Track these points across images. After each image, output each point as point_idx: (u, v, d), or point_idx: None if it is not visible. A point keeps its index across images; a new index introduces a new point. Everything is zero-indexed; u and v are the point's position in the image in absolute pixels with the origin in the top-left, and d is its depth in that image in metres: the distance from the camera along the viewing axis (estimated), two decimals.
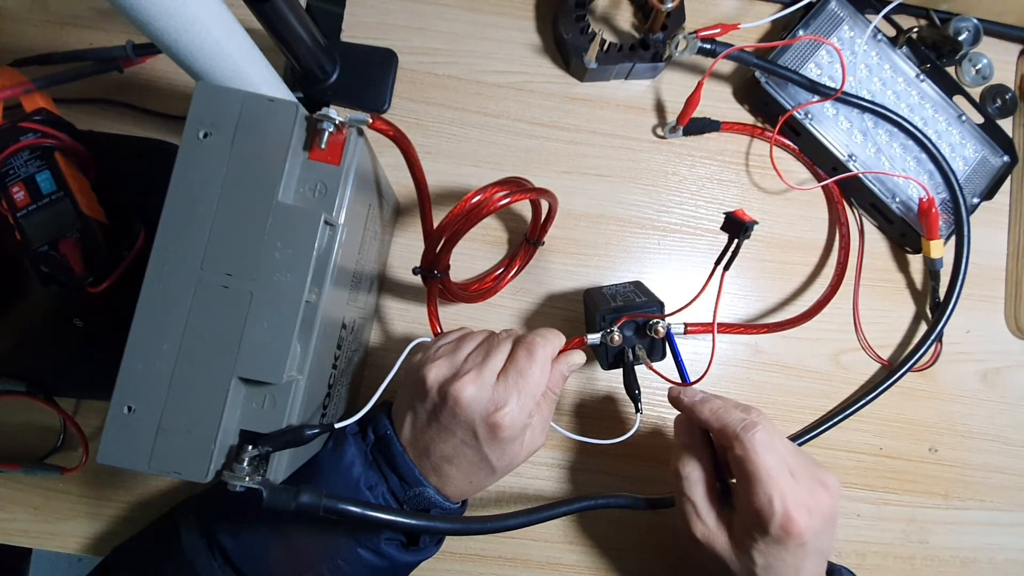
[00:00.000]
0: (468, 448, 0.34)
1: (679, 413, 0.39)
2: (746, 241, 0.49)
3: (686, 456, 0.36)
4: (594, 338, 0.39)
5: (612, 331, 0.38)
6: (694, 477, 0.35)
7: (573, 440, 0.46)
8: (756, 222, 0.32)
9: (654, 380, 0.47)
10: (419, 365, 0.35)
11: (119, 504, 0.43)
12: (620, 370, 0.40)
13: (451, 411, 0.33)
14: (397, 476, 0.34)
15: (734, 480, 0.35)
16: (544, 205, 0.43)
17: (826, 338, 0.49)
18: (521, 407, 0.33)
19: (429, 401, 0.34)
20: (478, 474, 0.35)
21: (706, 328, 0.43)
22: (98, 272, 0.37)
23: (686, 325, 0.41)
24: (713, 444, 0.37)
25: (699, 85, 0.45)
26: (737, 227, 0.33)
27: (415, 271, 0.39)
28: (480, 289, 0.45)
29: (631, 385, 0.40)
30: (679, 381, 0.39)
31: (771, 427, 0.34)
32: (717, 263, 0.35)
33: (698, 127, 0.49)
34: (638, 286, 0.43)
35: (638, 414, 0.39)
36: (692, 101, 0.46)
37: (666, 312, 0.40)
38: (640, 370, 0.40)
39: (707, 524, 0.34)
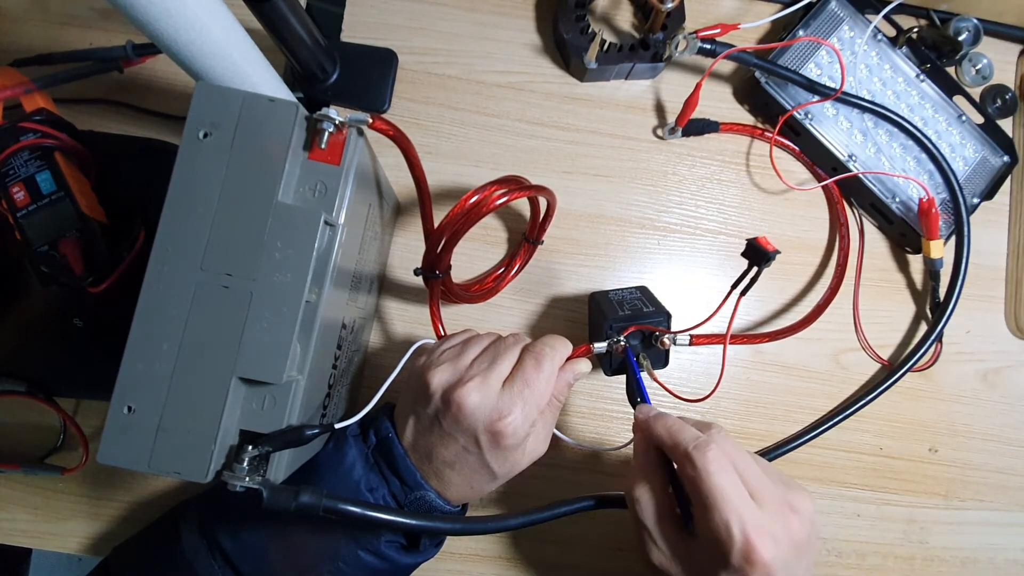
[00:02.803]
0: (470, 455, 0.34)
1: (635, 437, 0.36)
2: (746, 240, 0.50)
3: (639, 479, 0.33)
4: (600, 347, 0.39)
5: (619, 340, 0.38)
6: (645, 501, 0.32)
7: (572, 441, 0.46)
8: (778, 251, 0.32)
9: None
10: (423, 369, 0.35)
11: (119, 504, 0.43)
12: (622, 375, 0.40)
13: (454, 417, 0.33)
14: (398, 479, 0.34)
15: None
16: (543, 203, 0.43)
17: (826, 338, 0.49)
18: (525, 416, 0.33)
19: (432, 406, 0.33)
20: (479, 480, 0.35)
21: (711, 340, 0.43)
22: (98, 272, 0.36)
23: (692, 337, 0.41)
24: (673, 466, 0.33)
25: (697, 87, 0.45)
26: (759, 255, 0.32)
27: (416, 272, 0.39)
28: (481, 289, 0.45)
29: (633, 393, 0.40)
30: (680, 394, 0.39)
31: (729, 444, 0.31)
32: (734, 287, 0.35)
33: (697, 128, 0.49)
34: (644, 292, 0.43)
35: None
36: (690, 102, 0.46)
37: (673, 323, 0.40)
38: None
39: (663, 551, 0.32)
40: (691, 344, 0.42)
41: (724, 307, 0.36)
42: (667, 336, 0.39)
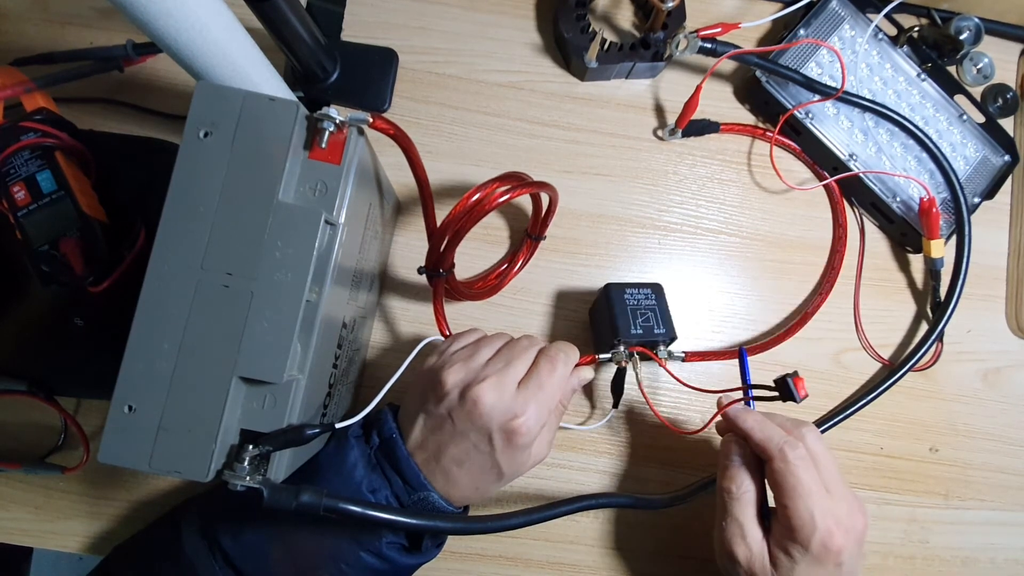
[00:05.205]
0: (480, 453, 0.34)
1: (728, 434, 0.38)
2: (747, 240, 0.50)
3: (739, 475, 0.36)
4: (604, 357, 0.41)
5: (622, 354, 0.40)
6: (746, 498, 0.35)
7: (573, 441, 0.46)
8: (808, 396, 0.34)
9: (654, 382, 0.47)
10: (436, 367, 0.35)
11: (120, 503, 0.43)
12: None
13: (468, 414, 0.33)
14: (401, 480, 0.34)
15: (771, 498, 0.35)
16: (544, 199, 0.42)
17: (827, 338, 0.49)
18: (538, 417, 0.34)
19: (446, 403, 0.34)
20: (486, 479, 0.35)
21: (703, 356, 0.46)
22: (98, 271, 0.36)
23: (686, 354, 0.44)
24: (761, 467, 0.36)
25: (697, 89, 0.45)
26: (786, 393, 0.34)
27: (420, 270, 0.39)
28: (485, 286, 0.45)
29: (618, 387, 0.43)
30: (674, 424, 0.41)
31: (816, 442, 0.35)
32: (749, 387, 0.38)
33: (698, 129, 0.49)
34: (659, 299, 0.42)
35: (613, 408, 0.44)
36: (690, 104, 0.46)
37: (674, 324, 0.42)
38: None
39: (751, 548, 0.34)
40: (686, 360, 0.45)
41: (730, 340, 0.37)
42: (663, 352, 0.42)
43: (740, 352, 0.43)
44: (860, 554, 0.34)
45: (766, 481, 0.36)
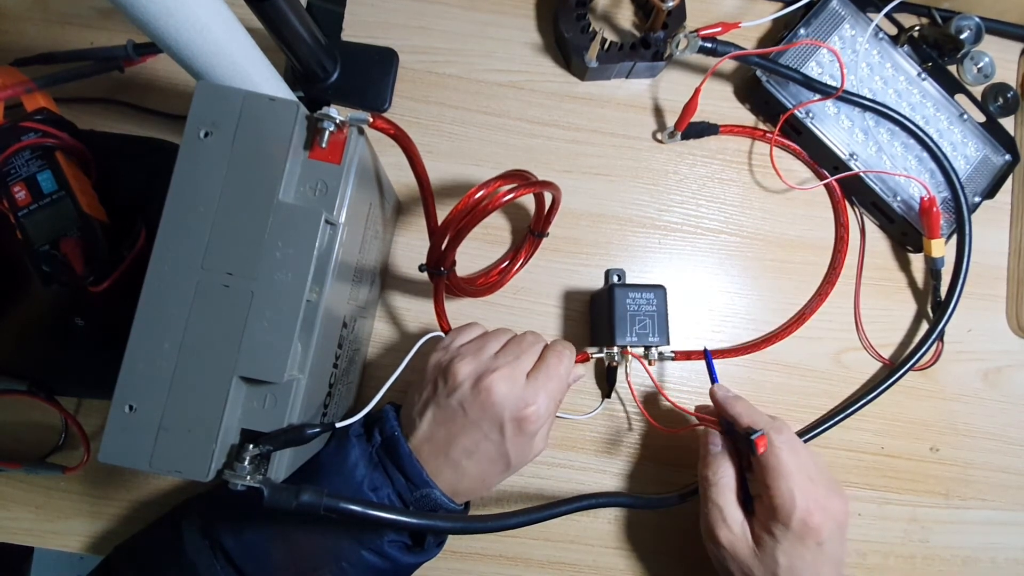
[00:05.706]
0: (490, 443, 0.34)
1: (706, 427, 0.40)
2: (748, 239, 0.50)
3: (717, 462, 0.38)
4: (599, 356, 0.42)
5: (614, 355, 0.42)
6: (724, 483, 0.37)
7: (573, 440, 0.46)
8: (765, 452, 0.35)
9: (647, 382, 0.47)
10: (445, 361, 0.36)
11: (121, 503, 0.43)
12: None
13: (482, 404, 0.34)
14: (404, 477, 0.34)
15: (753, 479, 0.37)
16: (547, 196, 0.42)
17: (827, 337, 0.49)
18: (547, 406, 0.35)
19: (458, 395, 0.34)
20: (493, 470, 0.36)
21: (688, 356, 0.46)
22: (99, 271, 0.37)
23: (675, 353, 0.45)
24: (739, 455, 0.38)
25: (696, 91, 0.45)
26: (748, 448, 0.36)
27: (421, 268, 0.39)
28: (487, 283, 0.45)
29: (611, 380, 0.44)
30: (659, 423, 0.43)
31: (792, 434, 0.37)
32: (722, 424, 0.39)
33: (697, 131, 0.49)
34: (660, 304, 0.42)
35: (605, 399, 0.45)
36: (689, 108, 0.46)
37: (670, 320, 0.43)
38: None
39: (732, 530, 0.36)
40: (675, 359, 0.46)
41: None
42: (654, 355, 0.42)
43: (705, 353, 0.44)
44: (842, 540, 0.36)
45: (751, 473, 0.37)
